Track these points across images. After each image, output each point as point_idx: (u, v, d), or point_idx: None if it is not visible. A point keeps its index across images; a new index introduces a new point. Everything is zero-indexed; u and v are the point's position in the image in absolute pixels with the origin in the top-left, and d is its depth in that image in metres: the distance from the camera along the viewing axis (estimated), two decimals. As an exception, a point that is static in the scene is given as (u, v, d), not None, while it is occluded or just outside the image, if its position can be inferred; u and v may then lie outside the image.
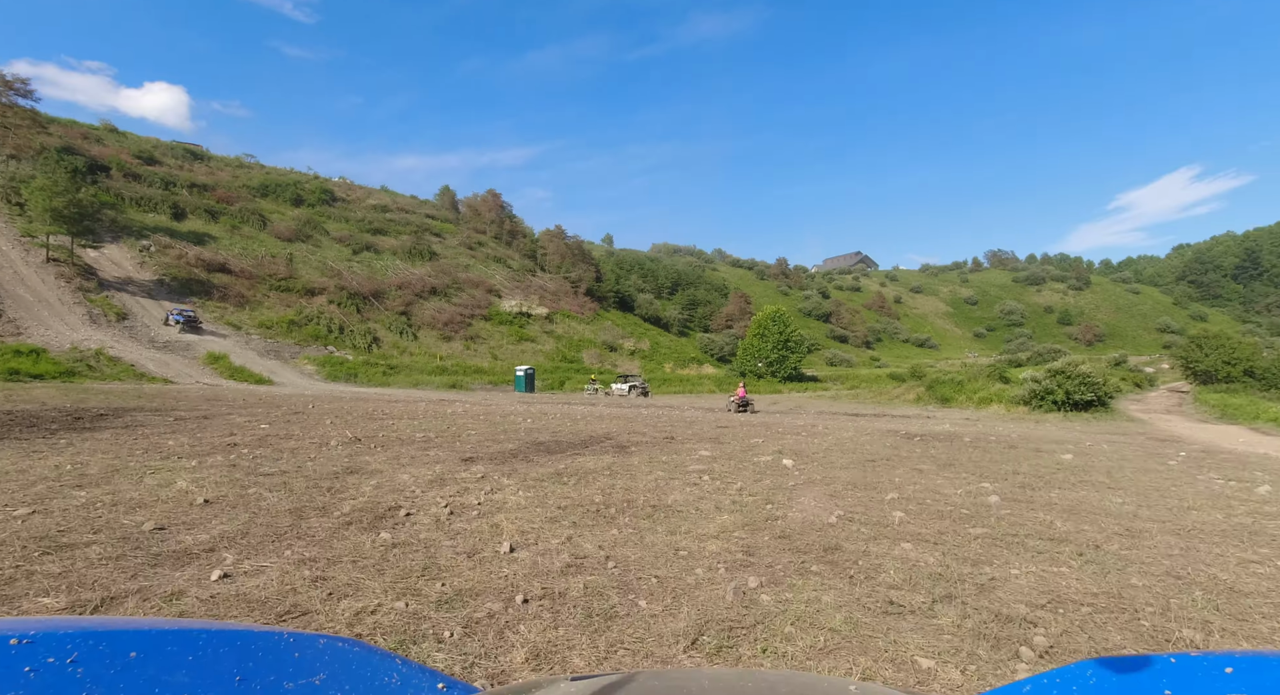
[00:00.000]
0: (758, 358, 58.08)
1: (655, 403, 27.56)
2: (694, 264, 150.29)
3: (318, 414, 12.78)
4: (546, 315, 63.87)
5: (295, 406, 14.62)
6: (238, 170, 63.10)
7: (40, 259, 33.84)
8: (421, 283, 55.15)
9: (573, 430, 11.14)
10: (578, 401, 25.78)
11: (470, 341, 51.06)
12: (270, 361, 32.99)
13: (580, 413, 16.99)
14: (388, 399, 19.90)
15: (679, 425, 13.51)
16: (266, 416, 11.59)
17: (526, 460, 7.29)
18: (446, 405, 17.76)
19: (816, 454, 8.75)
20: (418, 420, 12.00)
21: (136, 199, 45.71)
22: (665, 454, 8.27)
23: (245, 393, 20.05)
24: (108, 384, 20.85)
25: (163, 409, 12.35)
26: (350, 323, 43.59)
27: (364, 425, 10.50)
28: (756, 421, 15.72)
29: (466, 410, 15.66)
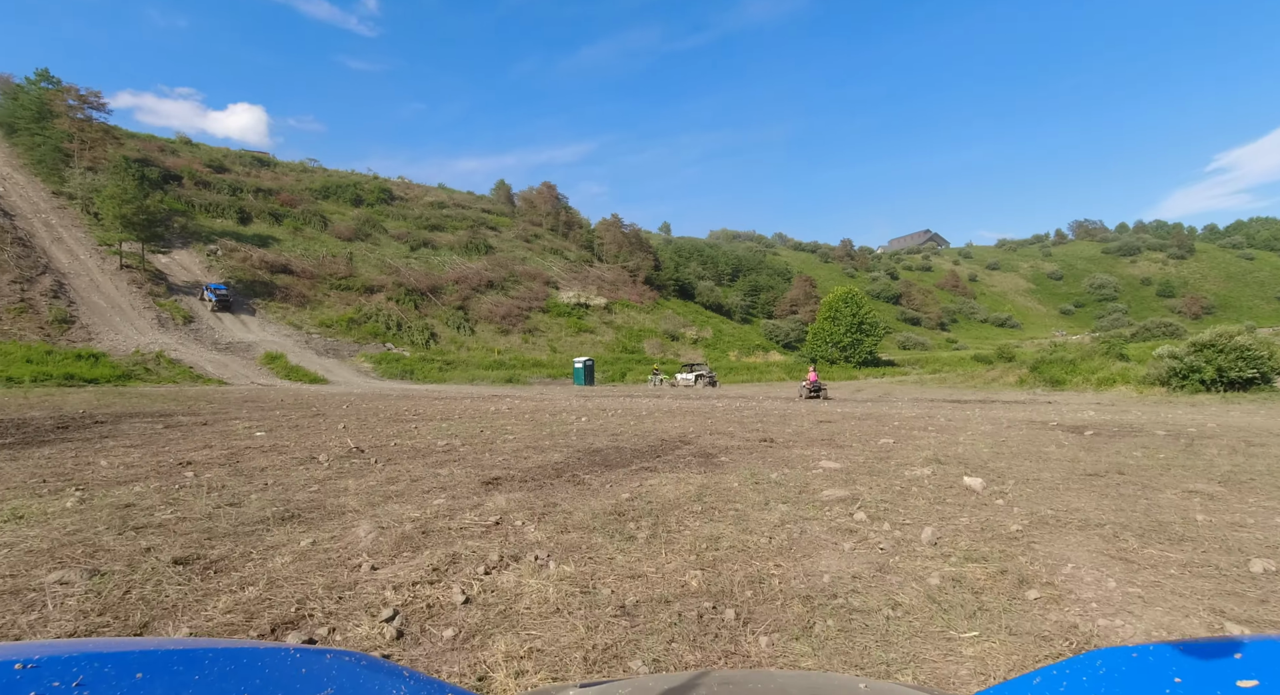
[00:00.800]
0: (829, 342, 54.26)
1: (726, 393, 25.01)
2: (754, 249, 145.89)
3: (340, 415, 11.05)
4: (605, 305, 62.09)
5: (323, 407, 13.01)
6: (301, 174, 64.34)
7: (114, 266, 34.56)
8: (478, 276, 54.39)
9: (638, 431, 8.82)
10: (641, 393, 23.61)
11: (528, 334, 49.83)
12: (328, 360, 32.47)
13: (645, 407, 14.68)
14: (433, 396, 18.27)
15: (770, 420, 10.99)
16: (280, 419, 9.90)
17: (575, 482, 5.03)
18: (494, 402, 15.83)
19: (994, 464, 6.06)
20: (451, 421, 9.98)
21: (205, 205, 46.75)
22: (772, 467, 5.82)
23: (288, 392, 18.87)
24: (157, 386, 20.22)
25: (170, 413, 10.88)
26: (408, 319, 43.04)
27: (381, 430, 8.53)
28: (859, 414, 12.95)
29: (513, 407, 13.62)
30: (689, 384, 30.91)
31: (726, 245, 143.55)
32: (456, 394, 20.15)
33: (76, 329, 28.14)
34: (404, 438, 7.59)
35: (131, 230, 33.44)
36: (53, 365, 19.69)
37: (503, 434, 8.15)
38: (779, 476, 5.28)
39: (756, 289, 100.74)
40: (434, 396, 18.06)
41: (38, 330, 26.87)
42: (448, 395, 19.17)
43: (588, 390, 26.38)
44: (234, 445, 6.77)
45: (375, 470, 5.43)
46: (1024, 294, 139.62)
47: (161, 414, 10.70)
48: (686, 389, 29.55)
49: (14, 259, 30.71)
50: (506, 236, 71.07)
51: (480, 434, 8.07)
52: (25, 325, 26.89)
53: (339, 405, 13.71)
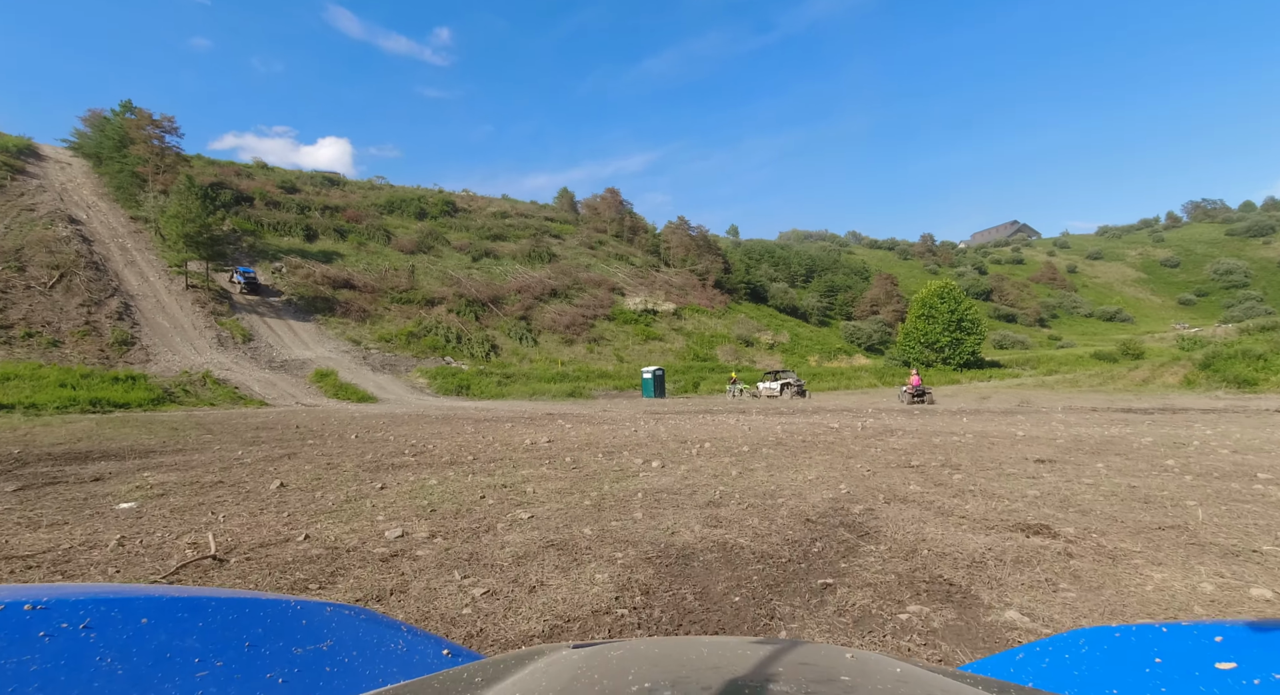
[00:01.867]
0: (923, 342, 48.53)
1: (822, 404, 20.99)
2: (827, 248, 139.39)
3: (325, 451, 8.20)
4: (674, 311, 58.80)
5: (322, 437, 10.24)
6: (368, 191, 64.92)
7: (181, 287, 34.44)
8: (541, 285, 52.39)
9: (753, 495, 5.28)
10: (721, 407, 20.03)
11: (593, 344, 47.17)
12: (382, 376, 30.75)
13: (740, 432, 11.12)
14: (475, 417, 15.41)
15: (952, 454, 7.24)
16: (242, 460, 7.10)
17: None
18: (541, 426, 12.68)
19: None
20: (455, 469, 6.78)
21: (274, 224, 47.04)
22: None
23: (319, 415, 16.53)
24: (188, 410, 18.50)
25: (150, 450, 8.35)
26: (468, 331, 41.25)
27: (329, 493, 5.41)
28: (1091, 440, 8.91)
29: (561, 437, 10.38)
30: (773, 394, 26.99)
31: (798, 245, 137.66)
32: (506, 413, 17.28)
33: (135, 350, 27.55)
34: (334, 518, 4.42)
35: (195, 249, 33.12)
36: (86, 389, 18.33)
37: (516, 505, 4.83)
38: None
39: (833, 290, 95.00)
40: (475, 418, 15.19)
41: (98, 352, 26.36)
42: (494, 415, 16.29)
43: (658, 404, 23.02)
44: (70, 543, 3.82)
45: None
46: (1133, 284, 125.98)
47: (143, 451, 8.22)
48: (770, 400, 25.69)
49: (85, 283, 30.78)
50: (570, 244, 69.23)
51: (476, 506, 4.77)
52: (87, 348, 26.44)
53: (341, 435, 10.97)
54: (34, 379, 18.16)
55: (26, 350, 24.82)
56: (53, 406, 16.21)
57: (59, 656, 0.63)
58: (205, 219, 33.29)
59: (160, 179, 37.59)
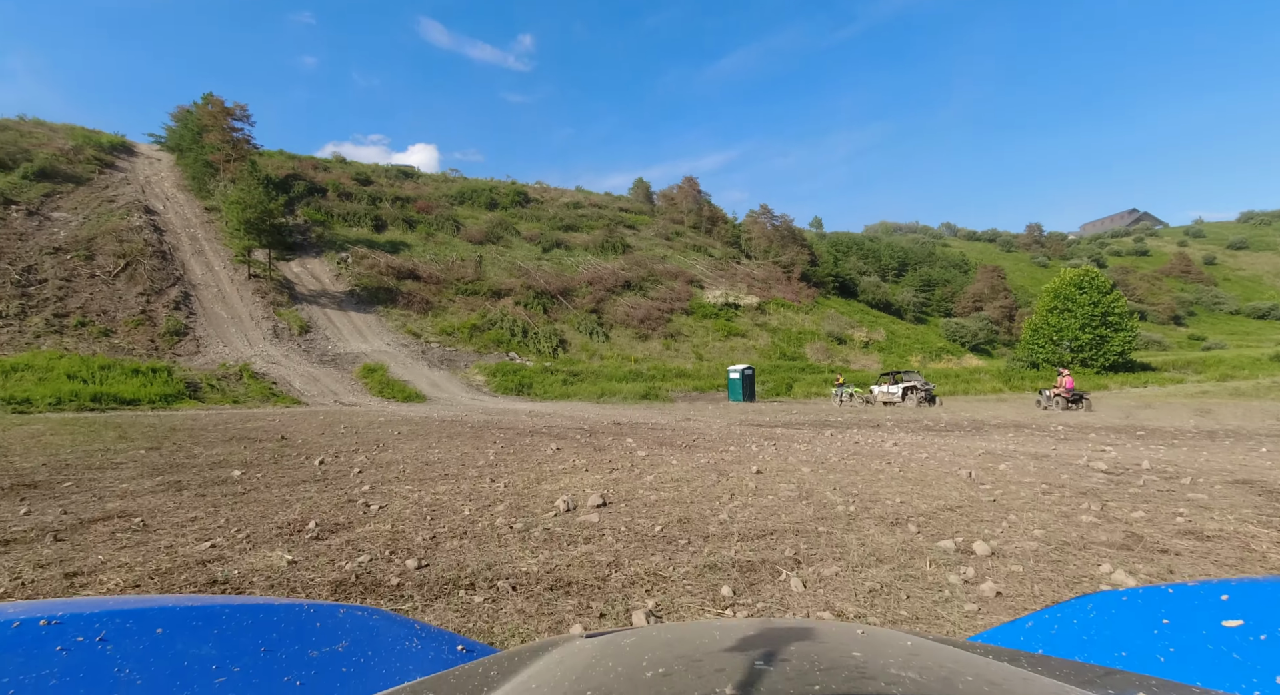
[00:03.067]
0: (1056, 340, 41.12)
1: (957, 417, 15.81)
2: (920, 241, 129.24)
3: (303, 482, 4.54)
4: (757, 305, 53.92)
5: (311, 459, 6.65)
6: (440, 183, 63.82)
7: (244, 276, 33.29)
8: (614, 277, 48.91)
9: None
10: (833, 416, 15.39)
11: (669, 340, 43.18)
12: (439, 372, 28.00)
13: (930, 466, 6.67)
14: (524, 427, 11.67)
15: None
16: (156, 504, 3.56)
17: None
18: (602, 450, 8.68)
19: None
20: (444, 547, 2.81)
21: (344, 215, 46.05)
22: None
23: (331, 422, 13.32)
24: (205, 408, 15.95)
25: (46, 483, 5.03)
26: (535, 324, 38.22)
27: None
28: None
29: (620, 491, 6.25)
30: (892, 399, 21.82)
31: (887, 238, 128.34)
32: (562, 422, 13.49)
33: (186, 341, 26.07)
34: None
35: (256, 236, 31.74)
36: (99, 383, 16.18)
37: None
38: None
39: (929, 284, 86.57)
40: (519, 429, 11.45)
41: (147, 342, 24.97)
42: (545, 426, 12.52)
43: (752, 411, 18.56)
44: None
45: None
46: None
47: (24, 480, 4.88)
48: (888, 406, 20.68)
49: (148, 272, 29.90)
50: (645, 235, 65.55)
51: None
52: (138, 337, 25.11)
53: (323, 453, 7.38)
54: (44, 370, 16.20)
55: (75, 339, 23.63)
56: (45, 403, 13.93)
57: (77, 670, 0.63)
58: (267, 205, 31.85)
59: (231, 168, 36.85)
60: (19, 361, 16.52)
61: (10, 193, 32.91)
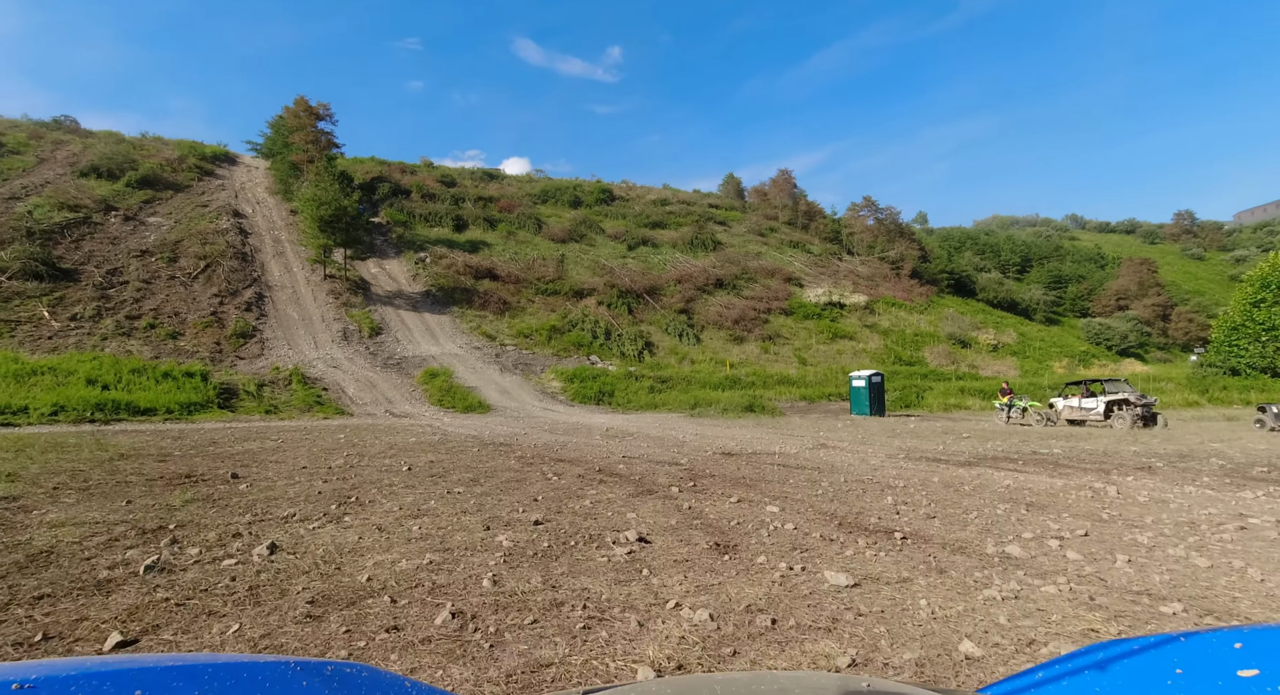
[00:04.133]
0: (1265, 339, 32.48)
1: (1206, 445, 10.35)
2: (1043, 234, 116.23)
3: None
4: (865, 304, 48.02)
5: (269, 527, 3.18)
6: (524, 184, 62.33)
7: (320, 277, 32.12)
8: (704, 274, 44.80)
9: None
10: (1023, 440, 10.31)
11: (767, 342, 38.49)
12: (511, 377, 25.00)
13: None
14: (592, 457, 7.78)
15: None
16: None
17: None
18: (724, 512, 4.53)
19: None
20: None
21: (425, 215, 44.91)
22: None
23: (371, 439, 10.09)
24: (225, 421, 13.40)
25: None
26: (619, 325, 34.79)
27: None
28: None
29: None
30: (1094, 419, 15.99)
31: (1003, 232, 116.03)
32: (652, 447, 9.54)
33: (252, 343, 24.59)
34: None
35: (330, 234, 30.35)
36: (120, 389, 14.08)
37: None
38: None
39: (1059, 280, 76.42)
40: (598, 461, 7.59)
41: (212, 345, 23.62)
42: (631, 451, 8.61)
43: (893, 429, 13.62)
44: None
45: None
46: None
47: None
48: (1091, 428, 15.13)
49: (226, 273, 29.10)
50: (737, 231, 60.99)
51: None
52: (204, 339, 23.84)
53: (286, 517, 3.82)
54: (66, 373, 14.34)
55: (140, 342, 22.53)
56: (40, 412, 11.70)
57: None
58: (341, 202, 30.40)
59: (313, 168, 36.11)
60: (44, 364, 14.86)
61: (113, 199, 33.53)
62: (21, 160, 35.81)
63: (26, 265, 24.30)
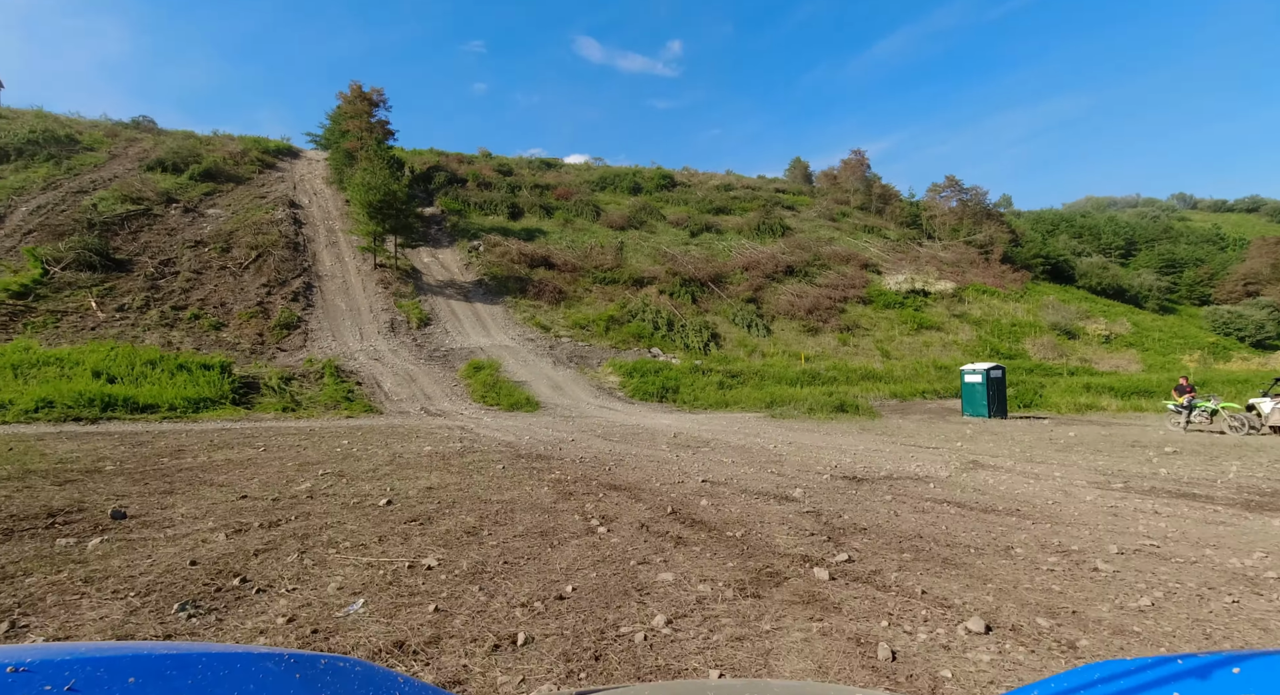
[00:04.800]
0: None
1: None
2: (1148, 215, 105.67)
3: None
4: (953, 292, 43.40)
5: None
6: (582, 172, 60.36)
7: (370, 266, 30.95)
8: (773, 261, 41.41)
9: None
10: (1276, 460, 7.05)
11: (845, 333, 34.90)
12: (565, 371, 22.73)
13: None
14: (676, 482, 5.19)
15: None
16: None
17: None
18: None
19: None
20: None
21: (480, 203, 43.49)
22: None
23: (372, 445, 7.86)
24: (230, 420, 11.59)
25: None
26: (682, 315, 32.08)
27: None
28: None
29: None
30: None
31: (1100, 214, 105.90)
32: (738, 463, 6.82)
33: (295, 334, 23.35)
34: None
35: (380, 221, 29.03)
36: (129, 382, 12.57)
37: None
38: None
39: (1173, 264, 68.23)
40: (668, 486, 4.97)
41: (255, 336, 22.49)
42: (712, 472, 5.90)
43: (1049, 435, 9.98)
44: None
45: None
46: None
47: None
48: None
49: (276, 263, 28.23)
50: (806, 216, 57.00)
51: None
52: (247, 331, 22.76)
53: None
54: (73, 364, 12.93)
55: (183, 333, 21.58)
56: (18, 410, 10.12)
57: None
58: (391, 186, 29.00)
59: (364, 153, 35.10)
60: (52, 354, 13.59)
61: (175, 192, 33.51)
62: (94, 157, 36.49)
63: (80, 256, 23.92)
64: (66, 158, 34.99)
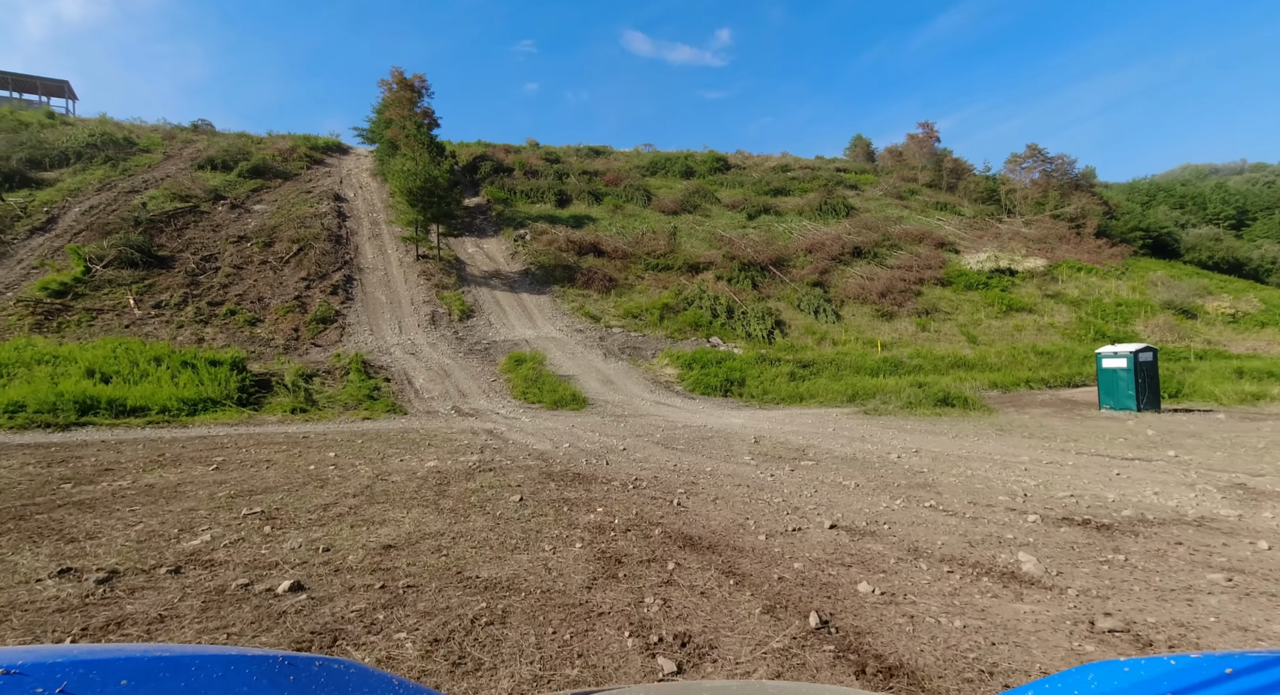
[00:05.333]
0: None
1: None
2: (1261, 181, 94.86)
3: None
4: (1044, 270, 38.94)
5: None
6: (631, 158, 58.05)
7: (413, 257, 29.65)
8: (839, 242, 38.02)
9: None
10: None
11: (924, 318, 31.39)
12: (617, 363, 20.54)
13: None
14: (790, 553, 2.85)
15: None
16: None
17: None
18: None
19: None
20: None
21: (526, 192, 41.83)
22: None
23: (381, 462, 5.80)
24: (226, 426, 9.92)
25: None
26: (742, 301, 29.41)
27: None
28: None
29: None
30: None
31: (1202, 182, 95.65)
32: (863, 486, 4.39)
33: (331, 329, 22.07)
34: None
35: (421, 208, 27.60)
36: (128, 381, 11.11)
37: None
38: None
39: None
40: (793, 549, 2.61)
41: (290, 331, 21.30)
42: (826, 494, 3.47)
43: (1274, 436, 6.88)
44: None
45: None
46: None
47: None
48: None
49: (317, 256, 27.22)
50: (871, 195, 52.92)
51: None
52: (282, 326, 21.61)
53: None
54: (68, 361, 11.61)
55: (216, 329, 20.57)
56: (30, 409, 8.65)
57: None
58: (431, 171, 27.51)
59: (404, 136, 33.86)
60: (48, 353, 12.34)
61: (223, 189, 33.19)
62: (150, 158, 36.73)
63: (123, 253, 23.37)
64: (123, 159, 35.28)
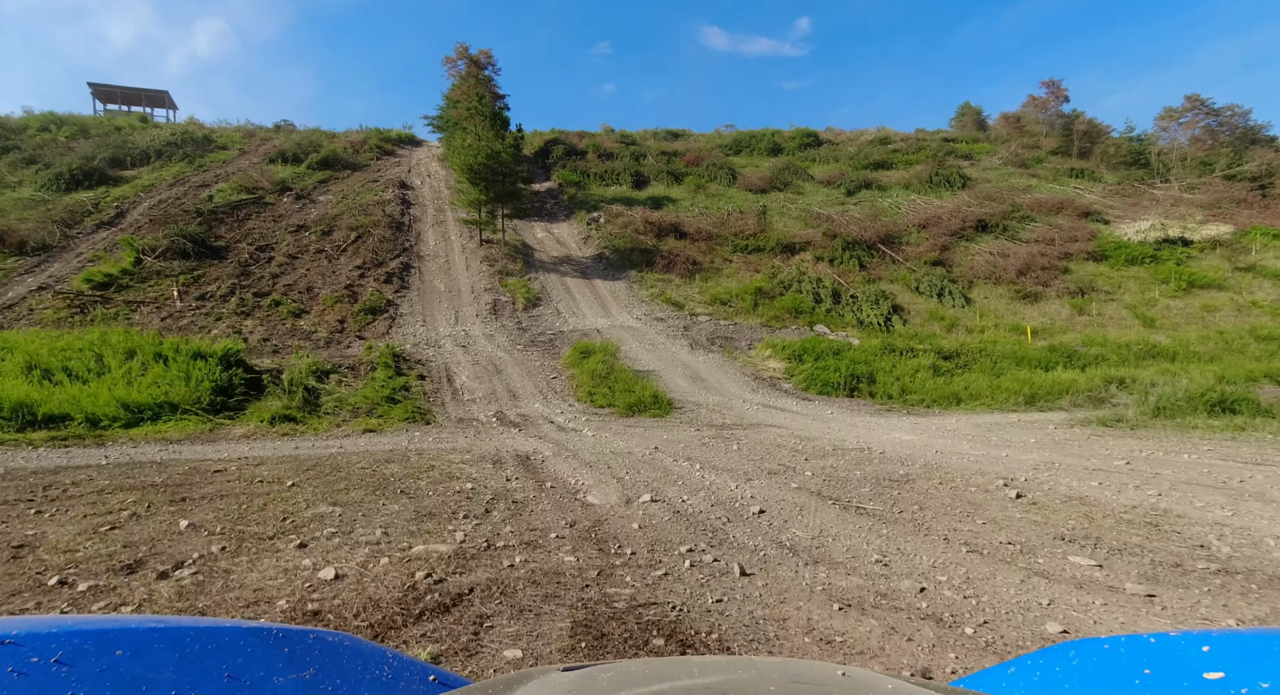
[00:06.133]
0: None
1: None
2: None
3: None
4: (1231, 238, 31.67)
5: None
6: (712, 139, 53.84)
7: (475, 243, 27.13)
8: (958, 216, 32.39)
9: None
10: None
11: (1077, 299, 25.58)
12: (705, 356, 16.72)
13: None
14: None
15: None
16: None
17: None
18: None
19: None
20: None
21: (600, 174, 38.71)
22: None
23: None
24: (159, 443, 7.04)
25: None
26: (849, 284, 24.83)
27: None
28: None
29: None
30: None
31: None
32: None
33: (380, 319, 19.62)
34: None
35: (483, 187, 24.94)
36: (123, 383, 8.50)
37: None
38: None
39: None
40: None
41: (335, 322, 19.00)
42: None
43: None
44: None
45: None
46: None
47: None
48: None
49: (375, 243, 25.16)
50: (988, 164, 46.10)
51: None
52: (328, 317, 19.37)
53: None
54: (5, 352, 9.22)
55: (255, 321, 18.54)
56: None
57: (30, 692, 0.59)
58: (493, 145, 24.78)
59: (464, 110, 31.48)
60: (68, 344, 10.02)
61: (291, 181, 32.15)
62: (225, 154, 36.51)
63: (175, 243, 22.05)
64: (200, 156, 35.13)
